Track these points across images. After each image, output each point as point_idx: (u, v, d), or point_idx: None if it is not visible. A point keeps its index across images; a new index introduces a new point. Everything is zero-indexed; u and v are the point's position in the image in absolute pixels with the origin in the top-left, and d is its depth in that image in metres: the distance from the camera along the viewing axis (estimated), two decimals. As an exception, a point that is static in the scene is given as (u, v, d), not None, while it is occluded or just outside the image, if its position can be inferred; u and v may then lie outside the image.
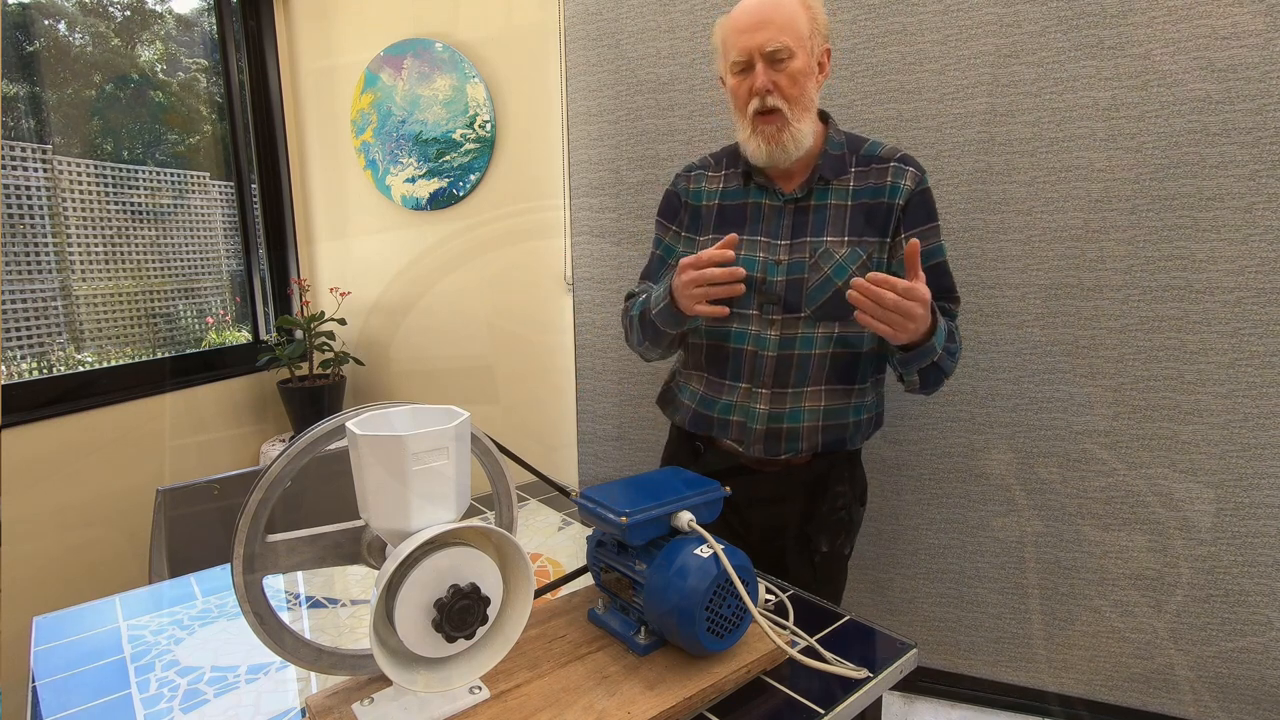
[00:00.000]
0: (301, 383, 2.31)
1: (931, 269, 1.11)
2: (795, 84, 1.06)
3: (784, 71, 1.06)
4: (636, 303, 1.19)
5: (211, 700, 0.76)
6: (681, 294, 1.04)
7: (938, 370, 1.08)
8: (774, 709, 0.72)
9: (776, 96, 1.06)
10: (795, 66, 1.06)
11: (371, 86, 2.28)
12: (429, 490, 0.63)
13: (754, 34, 1.05)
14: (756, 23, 1.05)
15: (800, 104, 1.08)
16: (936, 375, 1.09)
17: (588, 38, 1.82)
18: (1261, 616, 1.42)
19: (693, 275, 1.01)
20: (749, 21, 1.06)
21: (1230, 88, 1.30)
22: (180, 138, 2.36)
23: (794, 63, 1.06)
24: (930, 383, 1.11)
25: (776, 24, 1.04)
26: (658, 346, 1.21)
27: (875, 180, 1.12)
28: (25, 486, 1.77)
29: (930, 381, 1.11)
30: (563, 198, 2.05)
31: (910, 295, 0.92)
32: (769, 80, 1.06)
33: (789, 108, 1.07)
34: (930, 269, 1.10)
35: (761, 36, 1.05)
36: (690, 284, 1.01)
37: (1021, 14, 1.41)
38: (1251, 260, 1.33)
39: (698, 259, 1.01)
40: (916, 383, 1.11)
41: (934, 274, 1.11)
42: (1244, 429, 1.37)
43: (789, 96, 1.07)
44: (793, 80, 1.06)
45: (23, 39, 1.95)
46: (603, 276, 1.90)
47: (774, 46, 1.04)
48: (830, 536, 1.21)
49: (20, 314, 1.88)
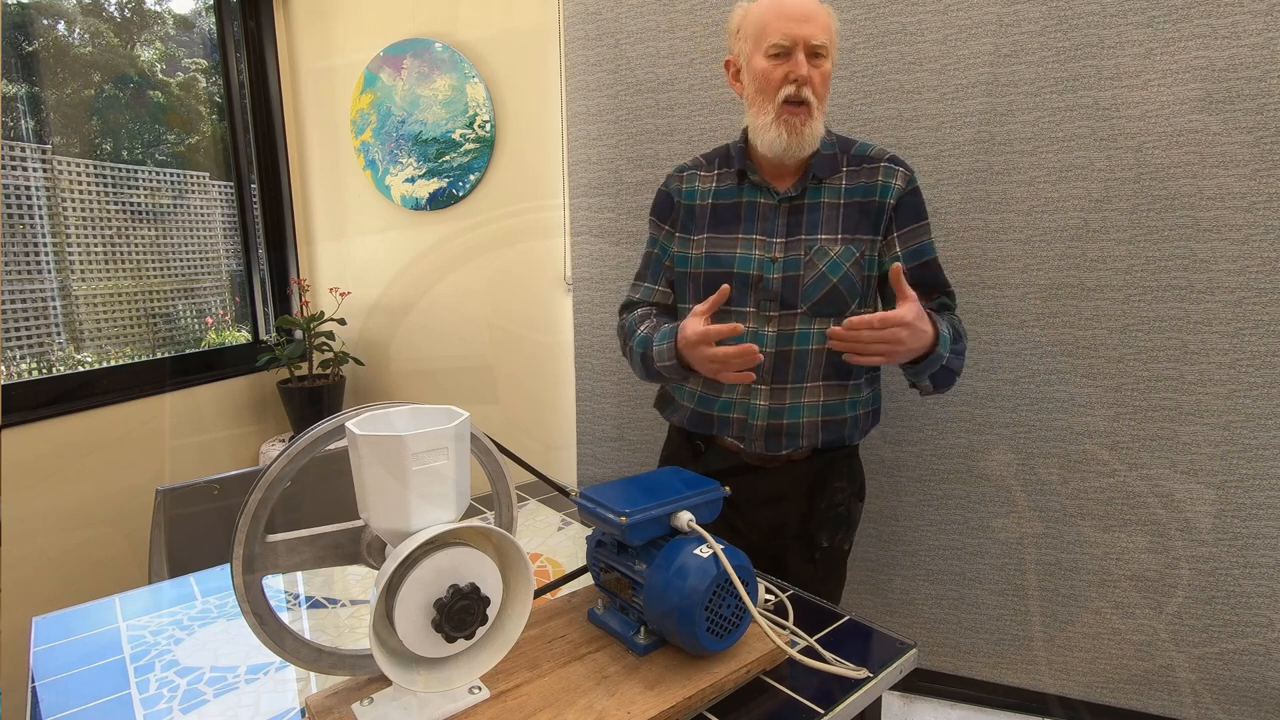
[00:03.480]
0: (301, 383, 2.31)
1: (922, 266, 1.14)
2: (825, 84, 1.11)
3: (819, 68, 1.09)
4: (637, 338, 1.19)
5: (211, 700, 0.76)
6: (703, 369, 1.07)
7: (948, 371, 1.09)
8: (774, 709, 0.72)
9: (810, 89, 1.09)
10: (827, 67, 1.10)
11: (371, 87, 2.28)
12: (429, 490, 0.63)
13: (803, 24, 1.07)
14: (806, 14, 1.07)
15: (823, 104, 1.12)
16: (947, 376, 1.10)
17: (587, 38, 1.82)
18: (1262, 618, 1.41)
19: (707, 354, 1.02)
20: (798, 11, 1.08)
21: (1230, 88, 1.30)
22: (180, 138, 2.36)
23: (827, 63, 1.09)
24: (942, 383, 1.12)
25: (820, 21, 1.08)
26: (658, 382, 1.25)
27: (866, 179, 1.14)
28: (25, 486, 1.77)
29: (942, 383, 1.11)
30: (562, 198, 2.05)
31: (888, 323, 0.94)
32: (809, 72, 1.08)
33: (817, 104, 1.10)
34: (921, 266, 1.14)
35: (810, 29, 1.07)
36: (708, 362, 1.04)
37: (1021, 14, 1.41)
38: (1253, 260, 1.33)
39: (705, 334, 1.02)
40: (930, 388, 1.11)
41: (925, 271, 1.14)
42: (1245, 430, 1.37)
43: (819, 94, 1.10)
44: (824, 79, 1.10)
45: (22, 39, 1.95)
46: (602, 276, 1.90)
47: (819, 40, 1.07)
48: (830, 532, 1.21)
49: (20, 314, 1.88)
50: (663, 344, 1.12)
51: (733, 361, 1.01)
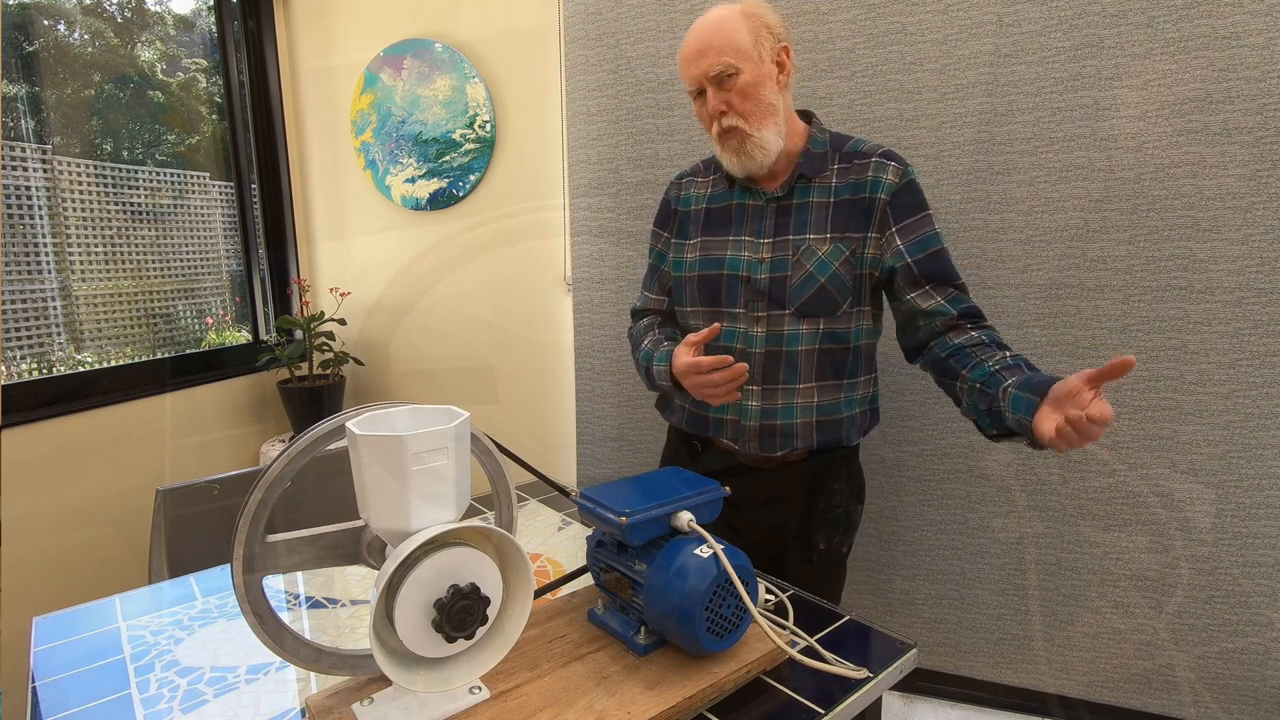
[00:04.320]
0: (301, 383, 2.31)
1: (930, 257, 1.10)
2: (747, 98, 1.09)
3: (733, 89, 1.08)
4: (642, 351, 1.23)
5: (211, 700, 0.76)
6: (698, 394, 1.09)
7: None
8: (774, 709, 0.72)
9: (732, 115, 1.09)
10: (744, 81, 1.08)
11: (371, 87, 2.28)
12: (429, 490, 0.63)
13: (697, 62, 1.09)
14: (696, 51, 1.09)
15: (757, 115, 1.10)
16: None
17: (587, 38, 1.82)
18: (1262, 617, 1.41)
19: (696, 380, 1.05)
20: (690, 51, 1.10)
21: (1230, 88, 1.30)
22: (180, 138, 2.36)
23: (741, 78, 1.08)
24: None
25: (716, 47, 1.07)
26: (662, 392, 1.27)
27: (856, 176, 1.12)
28: (25, 486, 1.77)
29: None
30: (562, 198, 2.05)
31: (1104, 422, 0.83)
32: (720, 102, 1.09)
33: (745, 122, 1.09)
34: (929, 257, 1.10)
35: (705, 63, 1.08)
36: (702, 387, 1.06)
37: (1021, 14, 1.41)
38: (1252, 260, 1.33)
39: (695, 365, 1.04)
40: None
41: (933, 262, 1.10)
42: (1244, 429, 1.37)
43: (743, 111, 1.09)
44: (744, 95, 1.09)
45: (22, 39, 1.95)
46: (602, 276, 1.90)
47: (716, 70, 1.07)
48: (828, 534, 1.21)
49: (20, 314, 1.88)
50: (661, 365, 1.16)
51: (720, 388, 1.04)
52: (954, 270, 1.13)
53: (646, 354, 1.21)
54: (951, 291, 1.11)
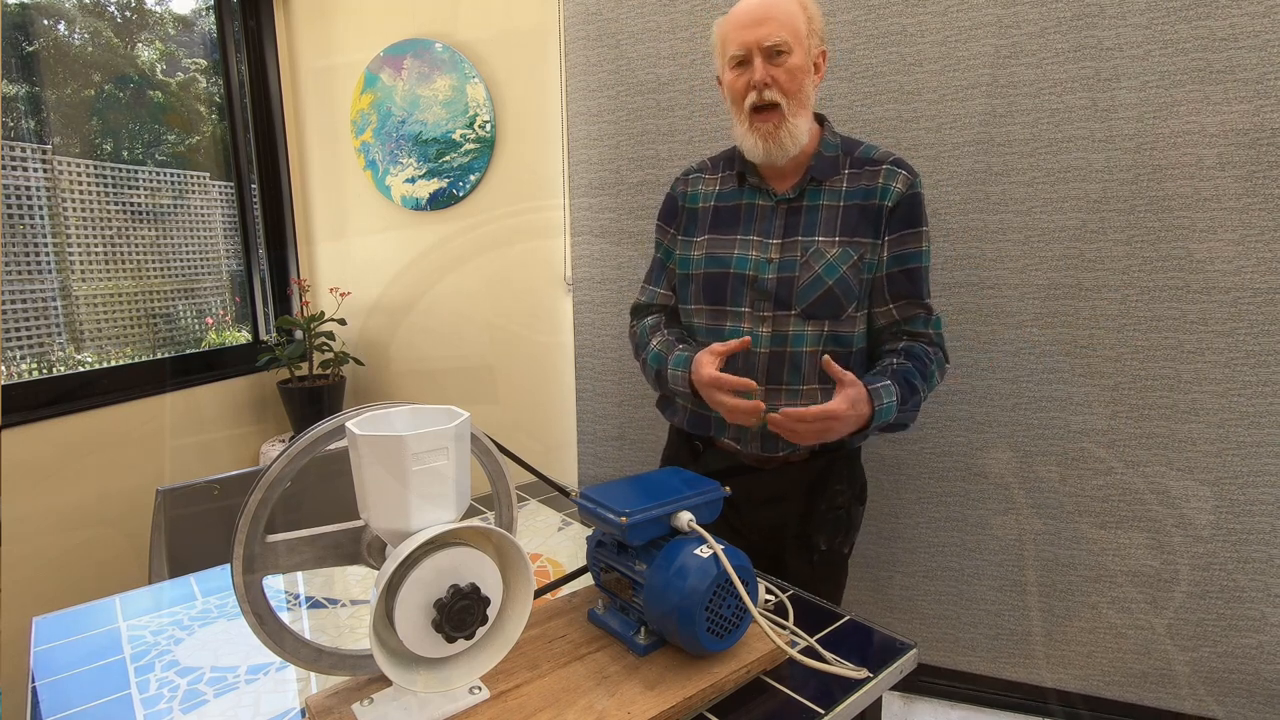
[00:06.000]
0: (301, 383, 2.31)
1: (904, 273, 1.12)
2: (793, 79, 1.08)
3: (782, 66, 1.07)
4: (651, 352, 1.22)
5: (211, 700, 0.76)
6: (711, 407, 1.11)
7: (895, 426, 1.13)
8: (774, 709, 0.73)
9: (775, 91, 1.08)
10: (794, 62, 1.07)
11: (371, 87, 2.28)
12: (429, 490, 0.63)
13: (754, 29, 1.07)
14: (756, 18, 1.07)
15: (798, 99, 1.09)
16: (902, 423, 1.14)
17: (587, 38, 1.82)
18: (1257, 613, 1.42)
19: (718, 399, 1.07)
20: (749, 17, 1.07)
21: (1228, 89, 1.30)
22: (180, 138, 2.36)
23: (792, 59, 1.07)
24: (898, 428, 1.16)
25: (776, 20, 1.06)
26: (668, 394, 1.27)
27: (867, 182, 1.12)
28: (25, 486, 1.77)
29: (897, 428, 1.15)
30: (562, 198, 2.05)
31: (820, 417, 1.00)
32: (767, 74, 1.07)
33: (787, 102, 1.08)
34: (902, 273, 1.12)
35: (762, 31, 1.06)
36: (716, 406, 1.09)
37: (1021, 15, 1.41)
38: (1248, 260, 1.33)
39: (719, 382, 1.05)
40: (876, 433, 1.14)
41: (905, 278, 1.12)
42: (1240, 427, 1.38)
43: (787, 91, 1.08)
44: (791, 75, 1.08)
45: (22, 39, 1.95)
46: (603, 276, 1.90)
47: (773, 41, 1.06)
48: (829, 535, 1.21)
49: (20, 314, 1.88)
50: (678, 370, 1.15)
51: (734, 414, 1.06)
52: (923, 290, 1.14)
53: (657, 355, 1.20)
54: (914, 311, 1.13)
